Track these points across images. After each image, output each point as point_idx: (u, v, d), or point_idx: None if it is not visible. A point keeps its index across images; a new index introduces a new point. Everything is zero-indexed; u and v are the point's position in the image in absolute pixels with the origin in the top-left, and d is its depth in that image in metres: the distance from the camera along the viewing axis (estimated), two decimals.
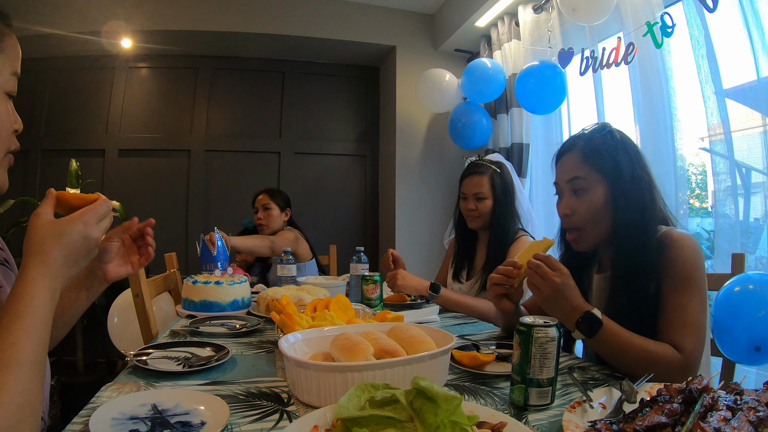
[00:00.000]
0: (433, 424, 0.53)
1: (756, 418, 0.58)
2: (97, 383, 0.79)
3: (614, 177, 1.02)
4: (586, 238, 1.07)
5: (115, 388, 0.81)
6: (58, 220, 0.66)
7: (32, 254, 0.62)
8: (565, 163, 1.09)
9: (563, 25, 2.40)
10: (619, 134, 1.06)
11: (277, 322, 1.06)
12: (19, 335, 0.57)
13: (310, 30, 3.16)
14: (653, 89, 1.86)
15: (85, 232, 0.66)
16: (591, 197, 1.04)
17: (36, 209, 0.67)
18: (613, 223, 1.03)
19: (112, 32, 2.89)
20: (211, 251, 1.75)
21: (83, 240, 0.66)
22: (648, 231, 1.00)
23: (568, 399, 0.79)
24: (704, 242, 1.99)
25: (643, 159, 1.06)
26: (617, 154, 1.02)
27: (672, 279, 0.96)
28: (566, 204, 1.08)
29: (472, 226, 1.80)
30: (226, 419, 0.65)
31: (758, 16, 1.58)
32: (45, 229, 0.64)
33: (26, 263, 0.62)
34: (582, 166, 1.05)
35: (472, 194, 1.75)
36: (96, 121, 3.25)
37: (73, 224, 0.65)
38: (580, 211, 1.06)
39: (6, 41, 0.68)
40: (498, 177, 1.76)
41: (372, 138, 3.70)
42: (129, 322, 1.90)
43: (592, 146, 1.05)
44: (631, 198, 1.01)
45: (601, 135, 1.06)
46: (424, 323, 1.23)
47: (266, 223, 2.53)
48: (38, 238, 0.63)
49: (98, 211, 0.69)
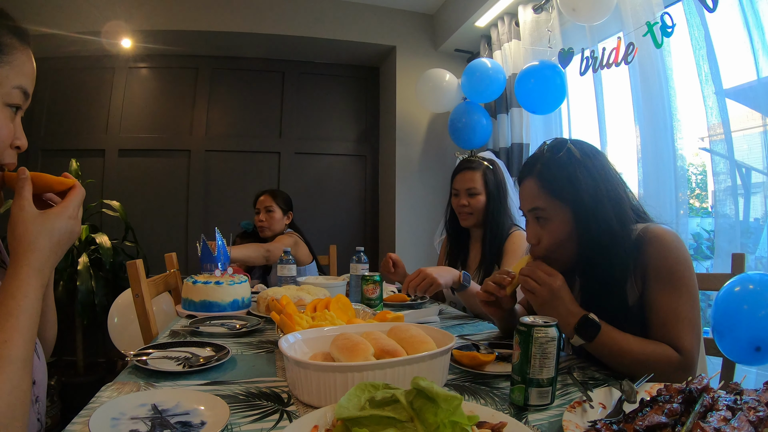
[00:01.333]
0: (433, 424, 0.53)
1: (756, 418, 0.58)
2: (97, 383, 0.78)
3: (575, 203, 0.96)
4: (554, 264, 1.00)
5: (115, 388, 0.80)
6: (46, 215, 0.65)
7: (23, 252, 0.62)
8: (524, 190, 1.05)
9: (563, 25, 2.40)
10: (579, 150, 0.98)
11: (277, 322, 1.06)
12: (11, 333, 0.57)
13: (310, 30, 3.16)
14: (653, 89, 1.86)
15: (71, 227, 0.67)
16: (554, 227, 1.00)
17: (15, 200, 0.66)
18: (579, 247, 0.99)
19: (112, 32, 2.89)
20: (212, 251, 1.75)
21: (69, 235, 0.67)
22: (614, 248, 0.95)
23: (568, 399, 0.79)
24: (704, 242, 1.99)
25: (610, 172, 1.00)
26: (576, 176, 0.96)
27: (657, 277, 0.94)
28: (531, 233, 1.04)
29: (464, 223, 1.77)
30: (226, 419, 0.65)
31: (758, 16, 1.58)
32: (34, 226, 0.64)
33: (18, 260, 0.62)
34: (540, 194, 1.00)
35: (464, 190, 1.73)
36: (96, 121, 3.26)
37: (60, 219, 0.66)
38: (544, 241, 1.01)
39: (15, 54, 0.67)
40: (491, 173, 1.74)
41: (372, 138, 3.70)
42: (129, 322, 1.90)
43: (548, 172, 0.99)
44: (594, 222, 0.95)
45: (557, 157, 0.99)
46: (424, 323, 1.23)
47: (267, 225, 2.47)
48: (29, 236, 0.63)
49: (79, 200, 0.70)
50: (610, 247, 0.95)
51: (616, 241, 0.96)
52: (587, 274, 1.03)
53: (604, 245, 0.95)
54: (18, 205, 0.65)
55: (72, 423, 0.65)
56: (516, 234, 1.70)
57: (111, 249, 2.63)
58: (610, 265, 0.96)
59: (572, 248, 1.00)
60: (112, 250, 2.64)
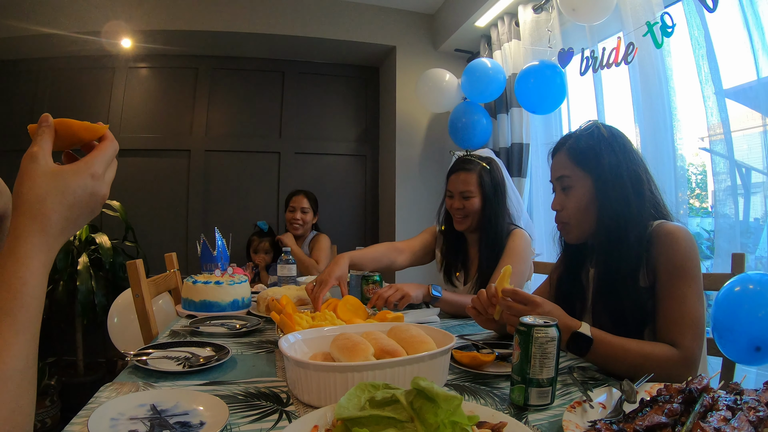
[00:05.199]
0: (433, 425, 0.53)
1: (756, 418, 0.58)
2: (97, 383, 0.77)
3: (596, 173, 1.06)
4: (574, 231, 1.11)
5: (113, 388, 0.80)
6: (61, 171, 0.51)
7: (28, 217, 0.47)
8: (555, 161, 1.15)
9: (563, 25, 2.40)
10: (607, 131, 1.08)
11: (277, 322, 1.06)
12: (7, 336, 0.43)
13: (310, 30, 3.16)
14: (653, 89, 1.86)
15: (93, 188, 0.52)
16: (577, 194, 1.09)
17: (30, 148, 0.51)
18: (598, 218, 1.06)
19: (112, 32, 2.89)
20: (212, 251, 1.75)
21: (90, 198, 0.52)
22: (630, 225, 1.01)
23: (568, 399, 0.79)
24: (704, 242, 1.99)
25: (634, 155, 1.08)
26: (601, 150, 1.05)
27: (666, 271, 0.97)
28: (556, 201, 1.14)
29: (458, 227, 1.68)
30: (225, 419, 0.65)
31: (758, 16, 1.57)
32: (46, 184, 0.49)
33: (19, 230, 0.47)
34: (568, 164, 1.10)
35: (458, 192, 1.64)
36: (96, 121, 3.25)
37: (79, 177, 0.51)
38: (568, 207, 1.10)
39: None
40: (487, 174, 1.64)
41: (372, 138, 3.70)
42: (129, 322, 1.90)
43: (578, 145, 1.09)
44: (613, 193, 1.03)
45: (587, 133, 1.09)
46: (424, 323, 1.23)
47: (303, 225, 2.68)
48: (37, 196, 0.48)
49: (107, 156, 0.55)
50: (627, 222, 1.01)
51: (632, 216, 1.01)
52: (602, 259, 1.07)
53: (621, 217, 1.02)
54: (29, 155, 0.50)
55: (71, 423, 0.64)
56: (516, 232, 1.64)
57: (111, 249, 2.63)
58: (625, 246, 1.00)
59: (592, 219, 1.08)
60: (112, 250, 2.64)
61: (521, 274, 1.62)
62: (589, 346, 0.90)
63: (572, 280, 1.18)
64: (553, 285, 1.26)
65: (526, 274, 1.67)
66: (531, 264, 1.73)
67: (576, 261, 1.18)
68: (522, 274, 1.63)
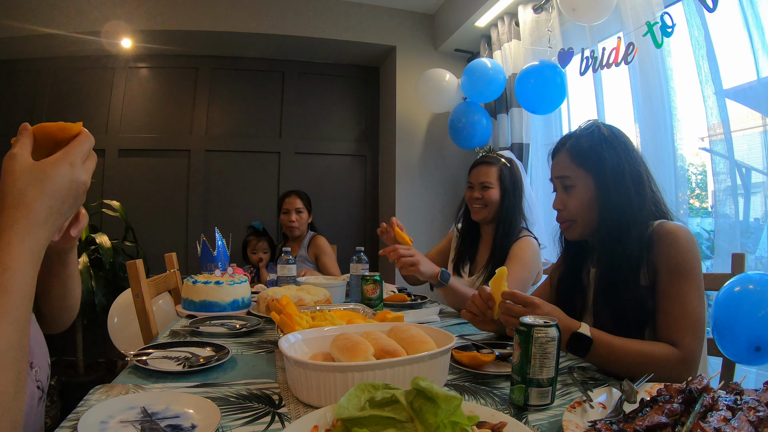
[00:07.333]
0: (433, 425, 0.53)
1: (756, 418, 0.58)
2: (97, 383, 0.77)
3: (598, 172, 1.06)
4: (576, 228, 1.12)
5: (104, 390, 0.79)
6: (39, 163, 0.54)
7: (10, 207, 0.50)
8: (556, 162, 1.16)
9: (563, 25, 2.40)
10: (607, 130, 1.09)
11: (277, 322, 1.06)
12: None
13: (310, 30, 3.16)
14: (653, 89, 1.86)
15: (72, 175, 0.55)
16: (578, 193, 1.09)
17: (10, 150, 0.54)
18: (600, 216, 1.07)
19: (112, 32, 2.89)
20: (212, 251, 1.75)
21: (70, 184, 0.55)
22: (632, 224, 1.01)
23: (568, 399, 0.79)
24: (704, 242, 1.99)
25: (635, 154, 1.08)
26: (602, 150, 1.06)
27: (666, 270, 0.97)
28: (558, 200, 1.14)
29: (475, 217, 1.77)
30: (217, 422, 0.65)
31: (758, 16, 1.57)
32: (25, 176, 0.52)
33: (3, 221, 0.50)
34: (569, 164, 1.11)
35: (478, 183, 1.74)
36: (96, 121, 3.25)
37: (58, 166, 0.54)
38: (569, 206, 1.11)
39: None
40: (507, 170, 1.75)
41: (372, 138, 3.70)
42: (129, 322, 1.90)
43: (578, 145, 1.10)
44: (615, 192, 1.04)
45: (588, 133, 1.10)
46: (424, 323, 1.23)
47: (298, 226, 2.61)
48: (17, 187, 0.51)
49: (83, 147, 0.58)
50: (628, 220, 1.01)
51: (634, 215, 1.02)
52: (603, 258, 1.07)
53: (623, 216, 1.02)
54: (9, 155, 0.53)
55: (60, 427, 0.63)
56: (524, 239, 1.68)
57: (111, 249, 2.63)
58: (626, 245, 1.00)
59: (593, 217, 1.08)
60: (112, 250, 2.64)
61: (523, 281, 1.62)
62: (589, 346, 0.90)
63: (573, 280, 1.18)
64: (553, 285, 1.26)
65: (528, 282, 1.68)
66: (537, 272, 1.73)
67: (577, 260, 1.18)
68: (523, 281, 1.63)
